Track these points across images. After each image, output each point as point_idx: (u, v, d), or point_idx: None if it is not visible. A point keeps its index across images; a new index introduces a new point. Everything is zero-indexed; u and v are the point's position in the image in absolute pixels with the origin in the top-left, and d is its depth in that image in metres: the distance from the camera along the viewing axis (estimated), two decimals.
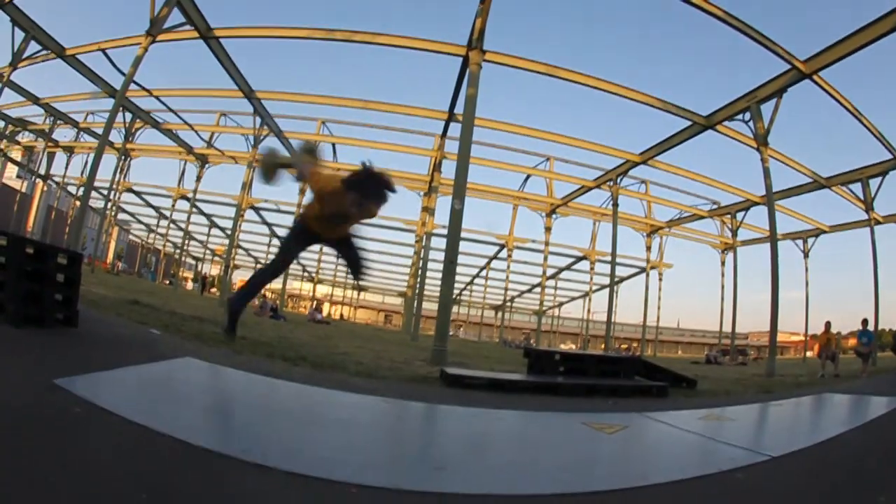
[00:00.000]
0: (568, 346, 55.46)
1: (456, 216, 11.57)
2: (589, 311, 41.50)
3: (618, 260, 26.36)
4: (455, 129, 22.23)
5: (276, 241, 47.24)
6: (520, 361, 11.25)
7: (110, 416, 3.23)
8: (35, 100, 30.26)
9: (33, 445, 2.54)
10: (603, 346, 30.49)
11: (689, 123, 19.94)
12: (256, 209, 36.95)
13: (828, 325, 17.71)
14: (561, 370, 8.43)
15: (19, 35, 21.28)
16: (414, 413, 5.55)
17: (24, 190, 43.86)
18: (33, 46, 21.97)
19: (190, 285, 60.98)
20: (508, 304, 54.78)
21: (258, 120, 25.71)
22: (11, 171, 45.14)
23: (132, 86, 19.06)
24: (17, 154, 41.28)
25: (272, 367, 6.67)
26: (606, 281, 35.21)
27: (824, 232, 30.57)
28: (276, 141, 27.11)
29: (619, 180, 26.06)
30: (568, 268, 42.32)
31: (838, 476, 3.90)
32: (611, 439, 4.67)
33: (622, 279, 40.07)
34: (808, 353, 33.84)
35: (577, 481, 3.38)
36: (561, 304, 57.30)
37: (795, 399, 9.23)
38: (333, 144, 30.22)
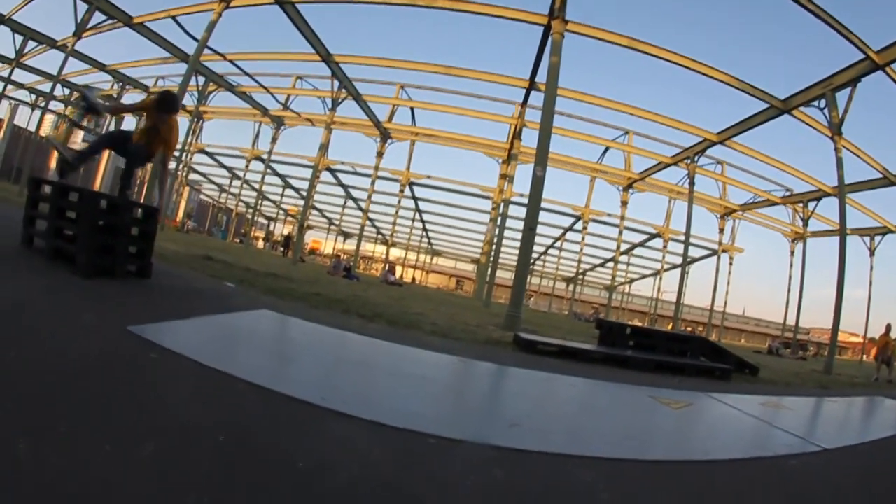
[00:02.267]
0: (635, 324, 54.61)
1: (537, 183, 11.59)
2: (659, 289, 40.73)
3: (691, 240, 25.95)
4: (535, 98, 22.13)
5: (350, 203, 47.76)
6: (589, 333, 11.33)
7: (186, 362, 3.33)
8: (101, 67, 30.99)
9: (108, 389, 2.59)
10: (670, 325, 30.18)
11: (765, 106, 19.41)
12: (332, 171, 37.52)
13: (888, 327, 17.08)
14: (631, 344, 8.59)
15: (82, 7, 21.82)
16: (488, 373, 5.68)
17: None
18: (98, 17, 22.44)
19: (261, 244, 61.83)
20: (580, 277, 54.43)
21: (336, 83, 25.89)
22: (76, 135, 46.31)
23: (205, 50, 19.29)
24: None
25: (348, 322, 6.81)
26: (677, 260, 34.70)
27: (891, 231, 29.23)
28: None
29: (696, 159, 25.48)
30: (641, 244, 41.55)
31: (884, 475, 4.04)
32: (676, 414, 4.89)
33: (694, 260, 39.35)
34: (865, 358, 32.94)
35: (645, 449, 3.54)
36: (632, 280, 56.65)
37: (849, 398, 9.26)
38: (412, 108, 30.38)
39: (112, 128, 38.19)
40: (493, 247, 24.87)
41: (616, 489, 2.64)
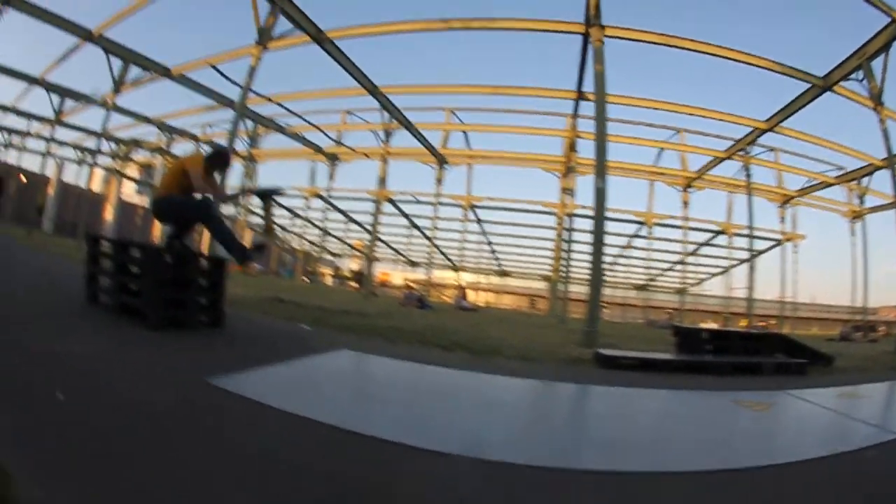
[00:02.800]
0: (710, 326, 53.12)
1: (599, 195, 11.71)
2: (729, 287, 39.97)
3: (754, 233, 25.66)
4: (585, 107, 22.26)
5: (415, 232, 48.04)
6: (665, 341, 11.32)
7: (270, 411, 3.30)
8: (146, 120, 32.17)
9: (197, 444, 2.59)
10: (744, 322, 29.68)
11: (807, 86, 19.39)
12: (393, 202, 37.56)
13: None
14: (708, 348, 8.77)
15: (116, 62, 22.94)
16: (573, 394, 5.79)
17: (145, 204, 46.75)
18: (135, 71, 23.51)
19: (330, 281, 62.33)
20: (651, 282, 53.78)
21: (386, 115, 26.42)
22: (129, 187, 47.86)
23: (250, 94, 19.58)
24: (132, 171, 44.35)
25: (428, 354, 6.87)
26: (743, 255, 34.19)
27: None
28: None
29: (749, 150, 25.42)
30: (707, 243, 41.05)
31: None
32: (759, 416, 5.01)
33: (760, 252, 38.62)
34: None
35: (733, 458, 3.51)
36: (701, 280, 55.63)
37: None
38: (465, 132, 30.67)
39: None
40: (563, 264, 24.97)
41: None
